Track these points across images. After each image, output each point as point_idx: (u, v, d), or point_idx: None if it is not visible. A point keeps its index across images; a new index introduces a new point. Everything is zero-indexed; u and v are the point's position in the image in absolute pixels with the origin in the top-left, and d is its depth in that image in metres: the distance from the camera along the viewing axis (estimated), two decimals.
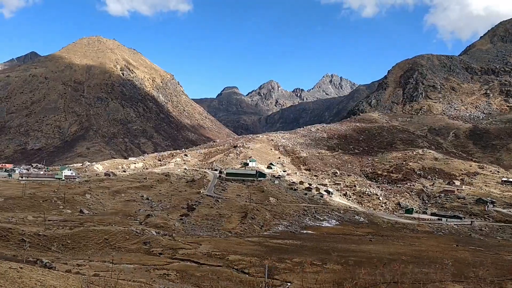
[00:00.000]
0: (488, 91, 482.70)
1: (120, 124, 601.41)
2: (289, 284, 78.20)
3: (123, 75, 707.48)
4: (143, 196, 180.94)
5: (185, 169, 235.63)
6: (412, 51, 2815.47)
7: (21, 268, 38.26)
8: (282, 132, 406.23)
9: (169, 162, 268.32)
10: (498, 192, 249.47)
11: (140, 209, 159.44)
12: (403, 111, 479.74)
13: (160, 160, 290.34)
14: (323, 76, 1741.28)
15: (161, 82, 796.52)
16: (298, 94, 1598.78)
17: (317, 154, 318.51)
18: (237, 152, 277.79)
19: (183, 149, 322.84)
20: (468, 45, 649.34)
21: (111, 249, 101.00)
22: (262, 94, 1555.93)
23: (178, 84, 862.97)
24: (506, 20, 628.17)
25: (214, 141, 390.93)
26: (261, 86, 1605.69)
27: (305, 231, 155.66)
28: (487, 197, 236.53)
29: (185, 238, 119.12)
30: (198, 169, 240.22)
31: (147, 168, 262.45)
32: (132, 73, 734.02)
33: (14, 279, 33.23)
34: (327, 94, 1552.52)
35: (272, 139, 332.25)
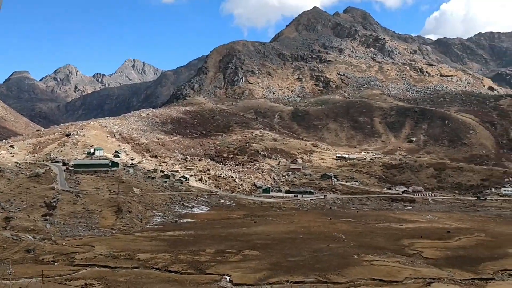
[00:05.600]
0: (301, 76, 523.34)
1: None
2: (227, 277, 75.31)
3: None
4: None
5: (17, 162, 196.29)
6: (212, 38, 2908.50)
7: None
8: (112, 118, 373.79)
9: None
10: (335, 167, 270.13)
11: None
12: (226, 95, 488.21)
13: None
14: (125, 61, 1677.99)
15: None
16: (100, 79, 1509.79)
17: (157, 140, 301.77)
18: (74, 141, 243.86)
19: (4, 140, 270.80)
20: (277, 32, 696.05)
21: None
22: (59, 79, 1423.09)
23: None
24: (308, 10, 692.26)
25: (38, 130, 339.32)
26: (56, 70, 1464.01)
27: (185, 220, 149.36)
28: (329, 172, 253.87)
29: (68, 240, 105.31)
30: (34, 162, 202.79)
31: None
32: None
33: None
34: (130, 79, 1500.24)
35: (105, 126, 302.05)
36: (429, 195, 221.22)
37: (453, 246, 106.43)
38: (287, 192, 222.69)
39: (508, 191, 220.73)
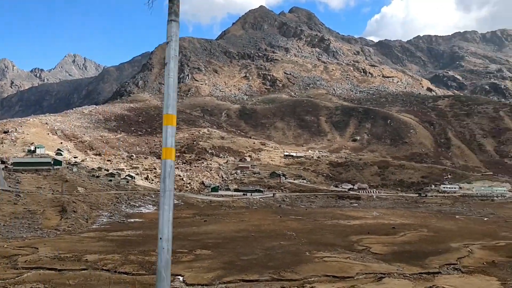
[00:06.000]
0: (248, 74, 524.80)
1: None
2: (180, 277, 71.81)
3: None
4: None
5: None
6: (156, 34, 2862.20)
7: None
8: (53, 114, 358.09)
9: None
10: (284, 165, 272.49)
11: None
12: None
13: None
14: (65, 56, 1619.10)
15: None
16: (38, 75, 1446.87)
17: (101, 138, 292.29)
18: (12, 138, 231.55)
19: None
20: (223, 30, 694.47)
21: None
22: None
23: None
24: (254, 9, 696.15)
25: None
26: None
27: (132, 220, 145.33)
28: (277, 170, 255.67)
29: (9, 242, 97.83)
30: None
31: None
32: None
33: None
34: (70, 75, 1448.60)
35: (46, 123, 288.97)
36: (373, 192, 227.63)
37: (399, 242, 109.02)
38: (236, 190, 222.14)
39: (447, 187, 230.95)
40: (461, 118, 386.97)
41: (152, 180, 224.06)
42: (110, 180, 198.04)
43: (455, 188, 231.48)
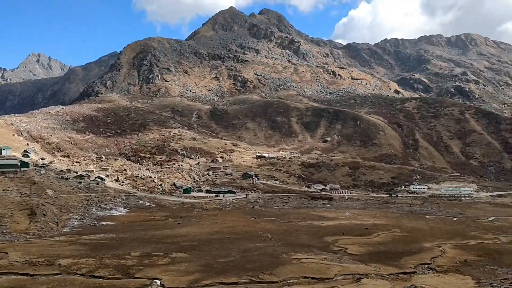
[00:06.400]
0: (218, 75, 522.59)
1: None
2: (158, 281, 72.96)
3: None
4: None
5: None
6: (123, 34, 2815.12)
7: None
8: (18, 115, 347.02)
9: None
10: (256, 166, 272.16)
11: None
12: (141, 92, 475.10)
13: None
14: (29, 55, 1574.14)
15: None
16: (0, 74, 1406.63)
17: (68, 139, 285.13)
18: None
19: None
20: (193, 31, 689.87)
21: None
22: None
23: None
24: (224, 10, 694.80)
25: None
26: None
27: (104, 223, 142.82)
28: (249, 171, 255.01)
29: None
30: None
31: None
32: None
33: None
34: (34, 74, 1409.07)
35: (11, 123, 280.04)
36: (345, 193, 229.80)
37: (374, 242, 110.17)
38: (208, 192, 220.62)
39: (416, 188, 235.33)
40: (428, 120, 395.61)
41: (123, 182, 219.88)
42: (80, 182, 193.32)
43: (424, 188, 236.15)
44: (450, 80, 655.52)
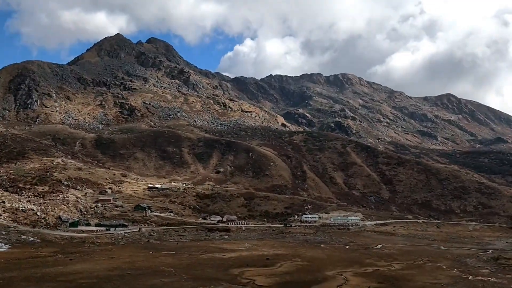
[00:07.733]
0: (103, 102, 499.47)
1: None
2: None
3: None
4: None
5: None
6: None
7: None
8: None
9: None
10: (148, 198, 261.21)
11: None
12: (18, 118, 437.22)
13: None
14: None
15: None
16: None
17: None
18: None
19: None
20: (75, 56, 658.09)
21: None
22: None
23: None
24: (111, 36, 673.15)
25: None
26: None
27: None
28: (142, 203, 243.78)
29: None
30: None
31: None
32: None
33: None
34: None
35: None
36: (242, 224, 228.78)
37: (279, 272, 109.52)
38: (97, 225, 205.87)
39: (308, 217, 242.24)
40: (314, 152, 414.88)
41: (1, 215, 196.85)
42: None
43: (315, 218, 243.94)
44: (330, 115, 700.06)
